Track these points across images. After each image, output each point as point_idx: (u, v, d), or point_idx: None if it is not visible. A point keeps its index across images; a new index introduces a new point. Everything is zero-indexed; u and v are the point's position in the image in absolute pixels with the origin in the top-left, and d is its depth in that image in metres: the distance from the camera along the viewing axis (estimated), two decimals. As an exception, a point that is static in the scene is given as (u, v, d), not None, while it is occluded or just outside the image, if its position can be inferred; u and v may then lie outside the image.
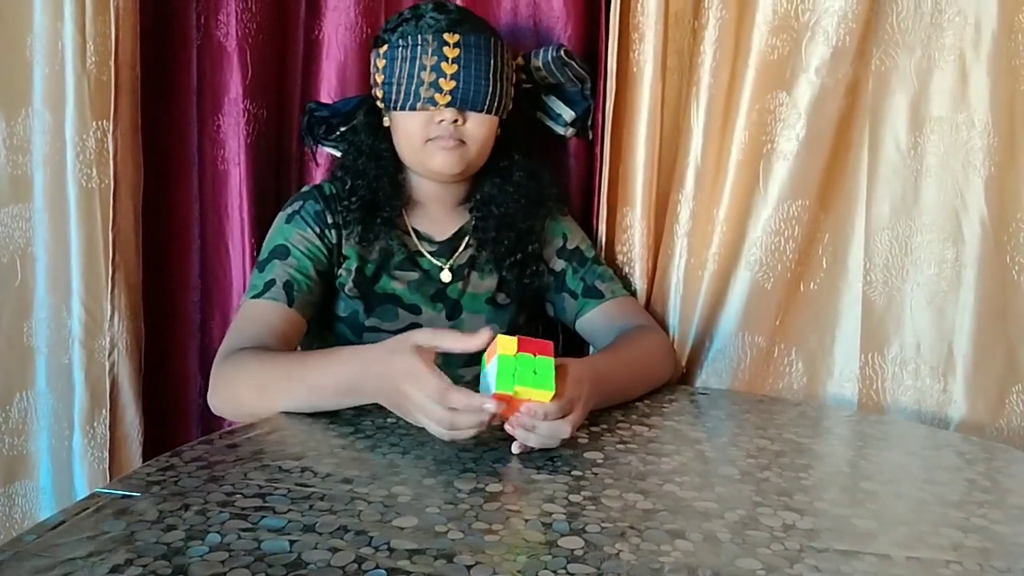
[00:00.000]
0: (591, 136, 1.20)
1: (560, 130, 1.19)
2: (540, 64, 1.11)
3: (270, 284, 0.98)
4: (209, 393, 0.90)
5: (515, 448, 0.76)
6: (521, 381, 0.73)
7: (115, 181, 1.14)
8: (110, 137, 1.13)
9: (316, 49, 1.28)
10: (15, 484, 1.21)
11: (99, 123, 1.13)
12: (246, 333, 0.94)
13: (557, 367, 0.75)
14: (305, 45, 1.29)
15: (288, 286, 0.99)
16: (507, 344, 0.74)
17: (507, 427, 0.75)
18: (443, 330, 0.80)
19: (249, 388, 0.87)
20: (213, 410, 0.91)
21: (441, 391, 0.72)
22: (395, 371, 0.76)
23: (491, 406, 0.71)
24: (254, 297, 0.98)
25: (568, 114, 1.17)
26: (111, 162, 1.14)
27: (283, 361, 0.88)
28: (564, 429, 0.75)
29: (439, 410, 0.72)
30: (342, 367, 0.83)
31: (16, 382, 1.19)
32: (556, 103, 1.18)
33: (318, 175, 1.28)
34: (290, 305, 0.98)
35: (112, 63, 1.12)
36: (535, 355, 0.74)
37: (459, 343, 0.76)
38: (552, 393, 0.73)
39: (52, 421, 1.20)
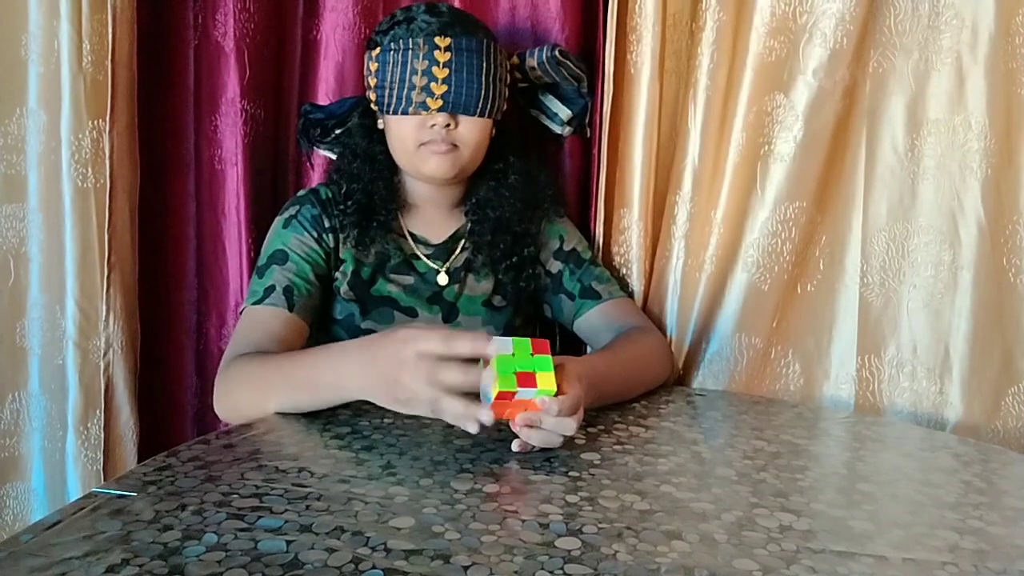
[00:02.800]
0: (589, 133, 1.20)
1: (557, 129, 1.19)
2: (535, 64, 1.11)
3: (270, 290, 0.98)
4: (214, 401, 0.90)
5: (515, 446, 0.76)
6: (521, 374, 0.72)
7: (111, 181, 1.14)
8: (106, 136, 1.13)
9: (314, 49, 1.28)
10: (6, 486, 1.20)
11: (95, 122, 1.13)
12: (248, 340, 0.93)
13: (556, 366, 0.75)
14: (303, 45, 1.29)
15: (288, 291, 0.98)
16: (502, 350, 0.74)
17: (513, 426, 0.75)
18: (435, 335, 0.76)
19: (245, 391, 0.87)
20: (222, 419, 0.90)
21: (445, 336, 0.71)
22: (391, 337, 0.75)
23: (493, 348, 0.71)
24: (254, 304, 0.98)
25: (565, 113, 1.17)
26: (107, 162, 1.13)
27: (275, 362, 0.88)
28: (568, 426, 0.75)
29: (434, 362, 0.71)
30: (330, 359, 0.83)
31: (8, 383, 1.18)
32: (553, 102, 1.18)
33: (315, 175, 1.27)
34: (290, 310, 0.97)
35: (109, 62, 1.11)
36: (533, 354, 0.74)
37: (449, 348, 0.73)
38: (554, 390, 0.73)
39: (45, 422, 1.19)
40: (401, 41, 1.00)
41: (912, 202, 1.07)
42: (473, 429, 0.73)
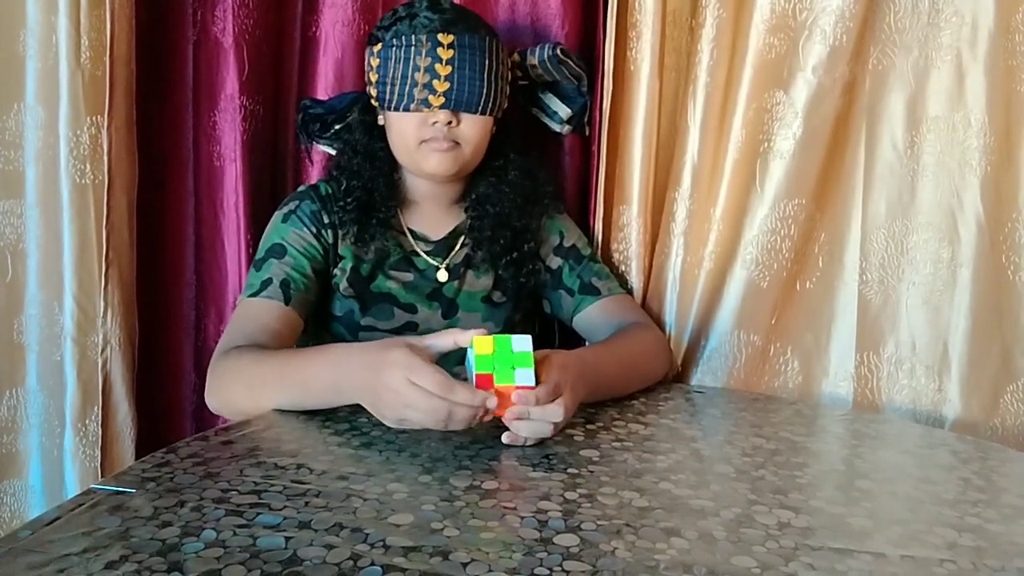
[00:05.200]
0: (588, 132, 1.20)
1: (556, 127, 1.19)
2: (536, 62, 1.10)
3: (267, 283, 0.98)
4: (206, 393, 0.90)
5: (505, 438, 0.76)
6: (500, 379, 0.74)
7: (109, 177, 1.13)
8: (104, 133, 1.12)
9: (313, 46, 1.27)
10: (4, 483, 1.20)
11: (93, 118, 1.13)
12: (242, 332, 0.93)
13: (540, 358, 0.77)
14: (302, 41, 1.28)
15: (285, 285, 0.98)
16: (483, 344, 0.75)
17: (504, 419, 0.75)
18: (434, 333, 0.80)
19: (241, 386, 0.87)
20: (212, 410, 0.90)
21: (442, 382, 0.72)
22: (387, 362, 0.75)
23: (492, 402, 0.73)
24: (251, 296, 0.98)
25: (564, 111, 1.17)
26: (105, 158, 1.13)
27: (274, 359, 0.88)
28: (555, 412, 0.76)
29: (434, 400, 0.72)
30: (329, 364, 0.83)
31: (6, 379, 1.17)
32: (552, 100, 1.17)
33: (314, 172, 1.27)
34: (287, 304, 0.97)
35: (107, 58, 1.11)
36: (513, 351, 0.75)
37: (449, 338, 0.77)
38: (533, 384, 0.75)
39: (43, 419, 1.19)
40: (403, 37, 1.00)
41: (911, 199, 1.07)
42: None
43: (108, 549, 0.54)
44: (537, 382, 0.76)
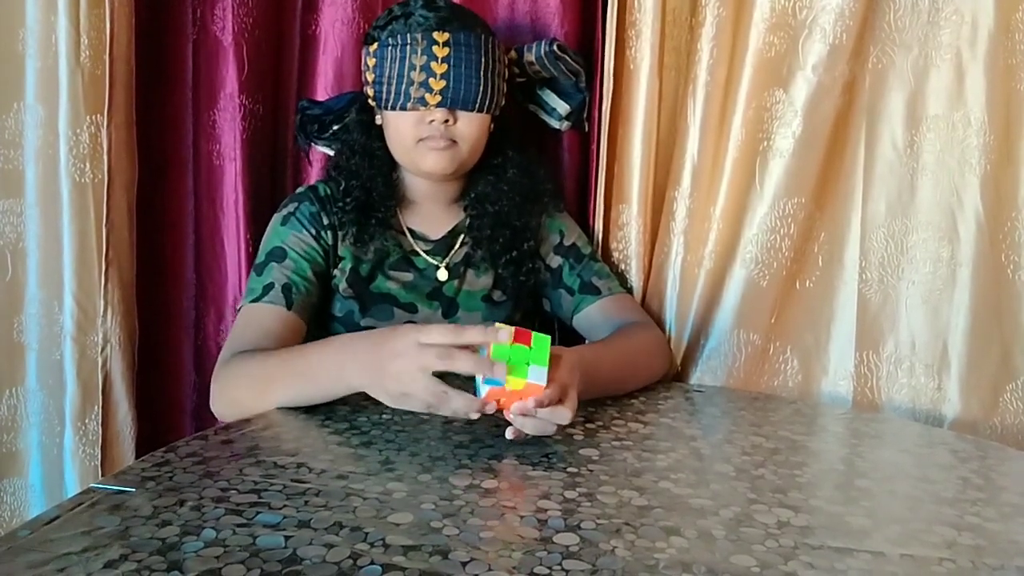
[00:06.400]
0: (587, 127, 1.20)
1: (555, 124, 1.18)
2: (533, 58, 1.10)
3: (268, 288, 0.98)
4: (211, 401, 0.89)
5: (509, 433, 0.76)
6: (515, 372, 0.73)
7: (109, 176, 1.14)
8: (104, 131, 1.13)
9: (312, 44, 1.27)
10: (4, 481, 1.20)
11: (93, 117, 1.13)
12: (245, 338, 0.93)
13: (551, 356, 0.75)
14: (301, 40, 1.29)
15: (286, 289, 0.98)
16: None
17: (507, 415, 0.75)
18: (441, 326, 0.78)
19: (247, 387, 0.87)
20: (219, 417, 0.90)
21: (453, 327, 0.73)
22: (393, 332, 0.76)
23: (503, 335, 0.72)
24: (253, 301, 0.97)
25: (563, 107, 1.17)
26: (105, 157, 1.13)
27: (278, 355, 0.88)
28: (563, 415, 0.75)
29: (437, 361, 0.73)
30: (333, 347, 0.83)
31: (6, 378, 1.18)
32: (551, 96, 1.17)
33: (313, 171, 1.27)
34: (289, 308, 0.97)
35: (106, 57, 1.11)
36: (530, 346, 0.74)
37: (458, 337, 0.75)
38: (544, 386, 0.73)
39: (43, 418, 1.19)
40: (399, 36, 1.00)
41: (911, 198, 1.07)
42: (474, 416, 0.75)
43: (108, 548, 0.54)
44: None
